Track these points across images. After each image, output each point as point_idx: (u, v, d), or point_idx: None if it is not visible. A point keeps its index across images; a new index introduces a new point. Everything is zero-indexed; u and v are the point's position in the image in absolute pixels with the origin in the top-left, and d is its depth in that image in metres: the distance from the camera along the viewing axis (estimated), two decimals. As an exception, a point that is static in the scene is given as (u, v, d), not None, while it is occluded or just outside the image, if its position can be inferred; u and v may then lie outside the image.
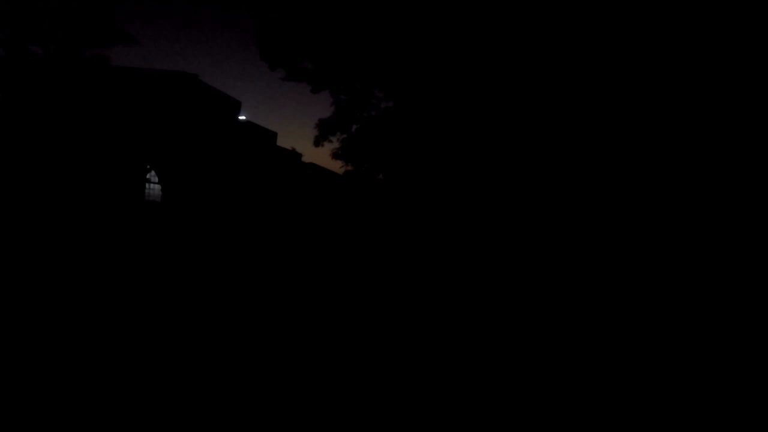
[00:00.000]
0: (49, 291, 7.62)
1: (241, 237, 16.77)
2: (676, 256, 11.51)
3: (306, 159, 23.89)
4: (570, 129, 13.61)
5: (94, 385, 4.47)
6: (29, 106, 14.45)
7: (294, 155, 23.32)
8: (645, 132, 12.45)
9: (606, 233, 12.77)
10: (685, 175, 11.90)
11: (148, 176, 16.44)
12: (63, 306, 6.93)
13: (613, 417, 4.65)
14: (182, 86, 15.86)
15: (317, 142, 20.12)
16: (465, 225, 15.74)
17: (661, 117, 12.25)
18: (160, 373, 4.88)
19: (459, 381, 5.24)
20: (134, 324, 6.43)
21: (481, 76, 14.75)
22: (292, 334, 6.60)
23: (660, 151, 12.25)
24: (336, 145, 20.08)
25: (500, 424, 4.37)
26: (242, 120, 18.35)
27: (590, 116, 13.27)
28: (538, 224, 14.12)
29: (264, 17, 16.92)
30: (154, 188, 16.72)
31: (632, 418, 4.63)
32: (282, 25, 16.57)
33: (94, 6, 19.34)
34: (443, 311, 8.58)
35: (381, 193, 20.66)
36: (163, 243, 13.79)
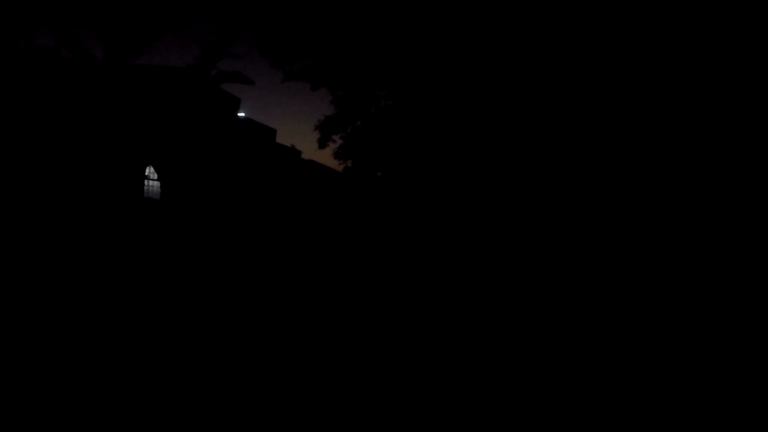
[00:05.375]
0: (48, 289, 7.63)
1: (241, 234, 16.77)
2: (675, 256, 11.52)
3: (305, 156, 23.89)
4: (570, 128, 13.61)
5: (93, 385, 4.48)
6: (29, 103, 14.43)
7: (293, 152, 23.32)
8: (644, 132, 12.45)
9: (606, 233, 12.78)
10: (685, 174, 11.90)
11: (147, 173, 16.41)
12: (62, 304, 6.94)
13: (613, 417, 4.67)
14: (181, 83, 15.84)
15: (322, 144, 19.98)
16: (464, 223, 15.75)
17: (660, 117, 12.25)
18: (159, 373, 4.89)
19: (458, 380, 5.26)
20: (133, 323, 6.45)
21: (481, 75, 14.74)
22: (291, 333, 6.62)
23: (659, 151, 12.25)
24: (338, 144, 19.98)
25: (500, 424, 4.38)
26: (241, 117, 18.32)
27: (591, 116, 13.26)
28: (538, 222, 14.13)
29: (264, 16, 16.89)
30: (153, 185, 16.70)
31: (632, 418, 4.65)
32: (281, 25, 16.55)
33: None
34: (442, 310, 8.59)
35: (380, 190, 20.66)
36: (162, 240, 13.78)
